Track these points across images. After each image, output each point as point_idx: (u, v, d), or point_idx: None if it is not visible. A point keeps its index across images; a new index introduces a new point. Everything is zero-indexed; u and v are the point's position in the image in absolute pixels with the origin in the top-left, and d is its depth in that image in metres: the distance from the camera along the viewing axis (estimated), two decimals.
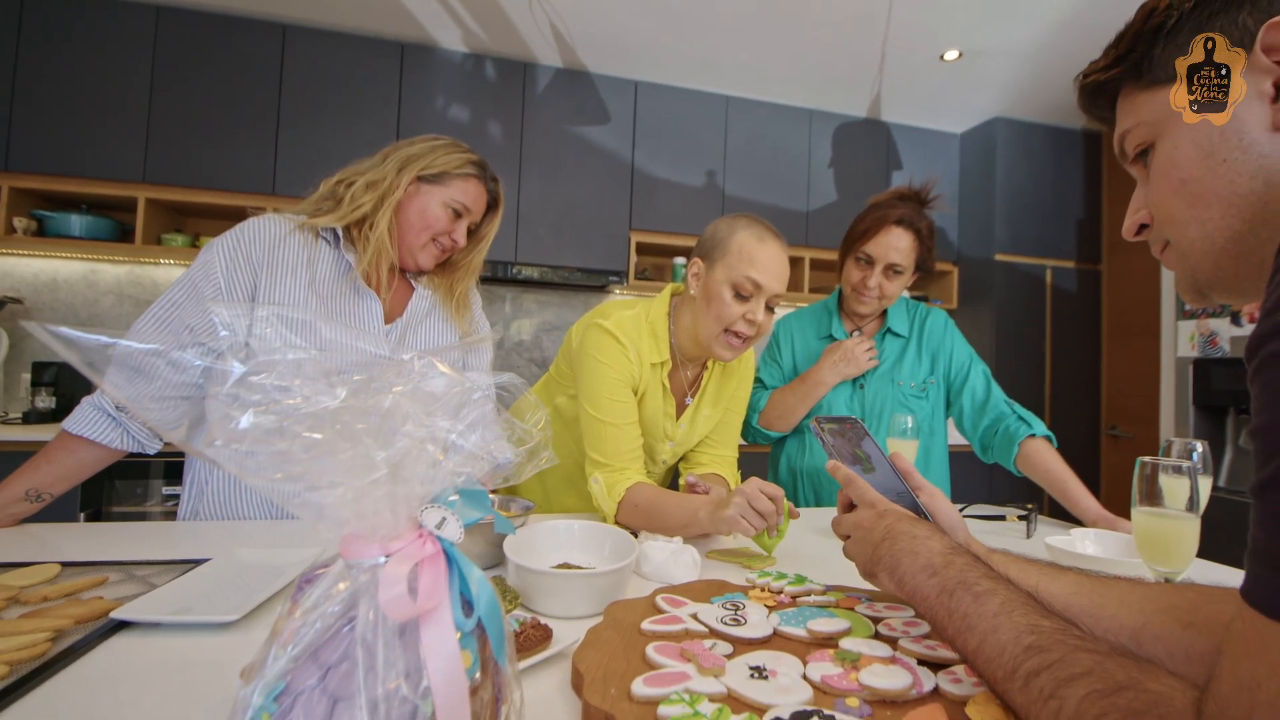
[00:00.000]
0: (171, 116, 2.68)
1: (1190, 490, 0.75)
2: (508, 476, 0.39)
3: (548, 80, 3.11)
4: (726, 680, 0.52)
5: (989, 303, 3.38)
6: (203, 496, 1.11)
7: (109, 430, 1.02)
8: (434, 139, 1.17)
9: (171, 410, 1.06)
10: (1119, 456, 3.34)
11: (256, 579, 0.76)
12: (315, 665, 0.34)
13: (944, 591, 0.52)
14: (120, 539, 0.96)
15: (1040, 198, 3.47)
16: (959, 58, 2.87)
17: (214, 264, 1.07)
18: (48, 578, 0.72)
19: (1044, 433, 1.38)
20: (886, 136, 3.54)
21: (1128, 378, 3.32)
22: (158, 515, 2.42)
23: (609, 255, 3.17)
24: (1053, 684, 0.42)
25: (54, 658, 0.54)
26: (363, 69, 2.89)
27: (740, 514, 0.93)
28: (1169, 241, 0.51)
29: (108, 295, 2.91)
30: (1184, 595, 0.58)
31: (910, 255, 1.46)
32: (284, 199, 2.77)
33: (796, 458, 1.58)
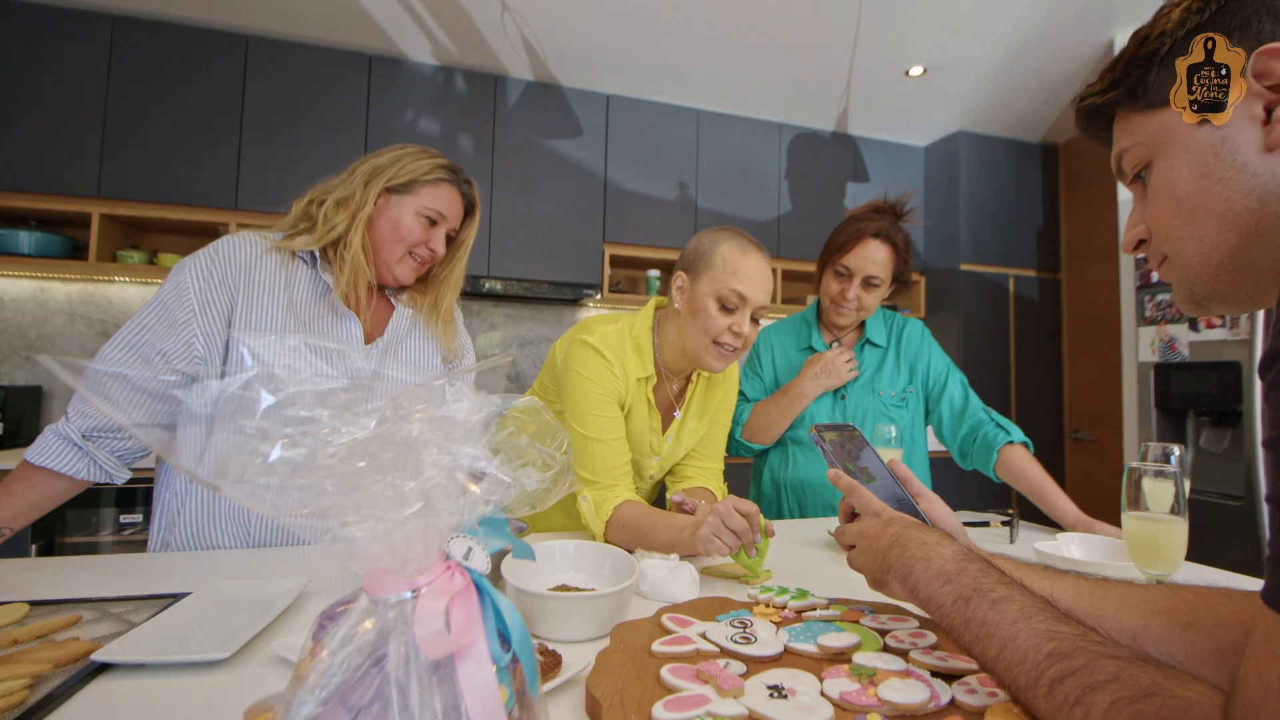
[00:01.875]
0: (128, 129, 2.58)
1: (1175, 493, 0.78)
2: (534, 503, 0.38)
3: (519, 93, 3.10)
4: (746, 701, 0.51)
5: (955, 311, 3.47)
6: (174, 527, 1.06)
7: (75, 460, 0.97)
8: (401, 148, 1.14)
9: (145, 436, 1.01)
10: (1083, 459, 3.45)
11: (242, 612, 0.73)
12: (344, 709, 0.32)
13: (959, 599, 0.52)
14: (88, 573, 0.91)
15: (1002, 209, 3.59)
16: (923, 74, 2.96)
17: (186, 285, 1.02)
18: (16, 619, 0.68)
19: (1021, 439, 1.41)
20: (854, 150, 3.62)
21: (1089, 382, 3.43)
22: (113, 545, 2.31)
23: (583, 268, 3.16)
24: (1077, 691, 0.43)
25: (34, 706, 0.50)
26: (329, 81, 2.84)
27: (713, 533, 0.91)
28: (1167, 256, 0.53)
29: (58, 315, 2.79)
30: (1180, 597, 0.60)
31: (888, 267, 1.49)
32: (248, 214, 2.70)
33: (780, 469, 1.59)
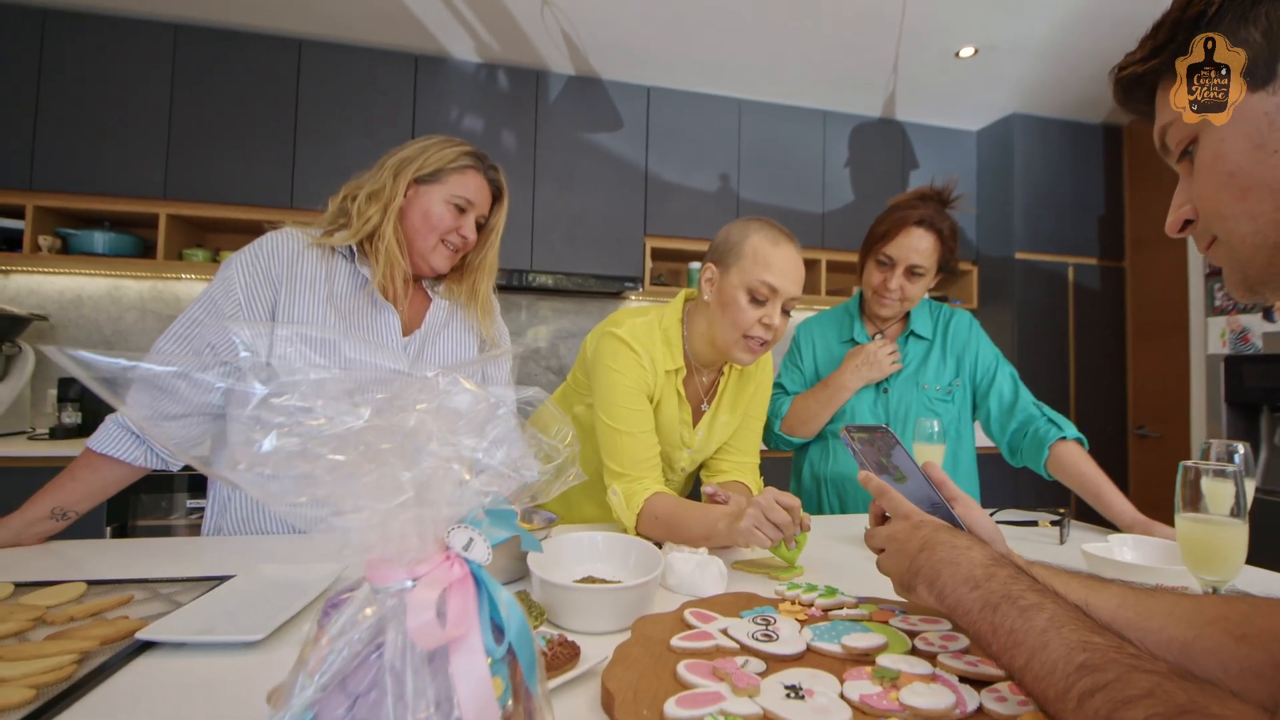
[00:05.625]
0: (190, 133, 2.72)
1: (1236, 494, 0.72)
2: (535, 495, 0.38)
3: (560, 88, 3.12)
4: (761, 701, 0.50)
5: (1010, 302, 3.33)
6: (225, 513, 1.12)
7: (133, 448, 1.03)
8: (426, 139, 1.16)
9: (192, 428, 1.06)
10: (1146, 457, 3.27)
11: (280, 596, 0.75)
12: (343, 695, 0.33)
13: (987, 605, 0.50)
14: (145, 555, 0.97)
15: (1060, 194, 3.41)
16: (974, 54, 2.83)
17: (233, 280, 1.07)
18: (74, 597, 0.72)
19: (1075, 435, 1.35)
20: (901, 136, 3.51)
21: (1155, 376, 3.24)
22: (183, 529, 2.45)
23: (624, 261, 3.16)
24: (1109, 706, 0.40)
25: (80, 680, 0.53)
26: (377, 81, 2.91)
27: (755, 525, 0.91)
28: (1216, 237, 0.49)
29: (131, 311, 2.96)
30: (1234, 607, 0.56)
31: (932, 256, 1.43)
32: (302, 212, 2.80)
33: (820, 464, 1.56)
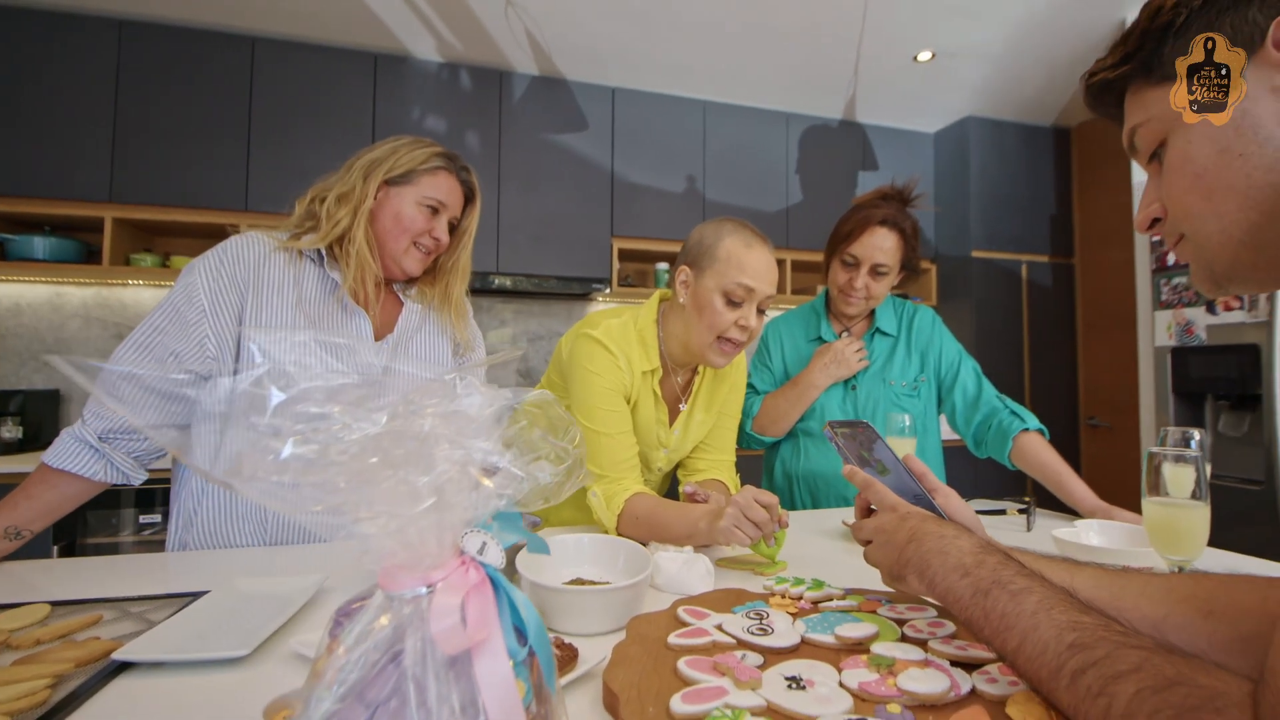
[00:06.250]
0: (138, 133, 2.60)
1: (1196, 477, 0.77)
2: (548, 497, 0.38)
3: (524, 88, 3.09)
4: (764, 693, 0.51)
5: (968, 299, 3.44)
6: (191, 527, 1.07)
7: (92, 462, 0.98)
8: (396, 139, 1.14)
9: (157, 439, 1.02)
10: (1097, 446, 3.41)
11: (260, 610, 0.73)
12: (362, 705, 0.32)
13: (979, 591, 0.52)
14: (108, 574, 0.92)
15: (1014, 194, 3.54)
16: (932, 58, 2.92)
17: (196, 286, 1.03)
18: (38, 619, 0.68)
19: (1037, 426, 1.40)
20: (862, 138, 3.59)
21: (1104, 368, 3.39)
22: (133, 546, 2.34)
23: (591, 263, 3.15)
24: (1100, 681, 0.42)
25: (57, 705, 0.51)
26: (335, 81, 2.84)
27: (734, 524, 0.91)
28: (1184, 235, 0.52)
29: (74, 319, 2.82)
30: (1202, 584, 0.59)
31: (895, 255, 1.47)
32: (258, 215, 2.72)
33: (791, 461, 1.58)
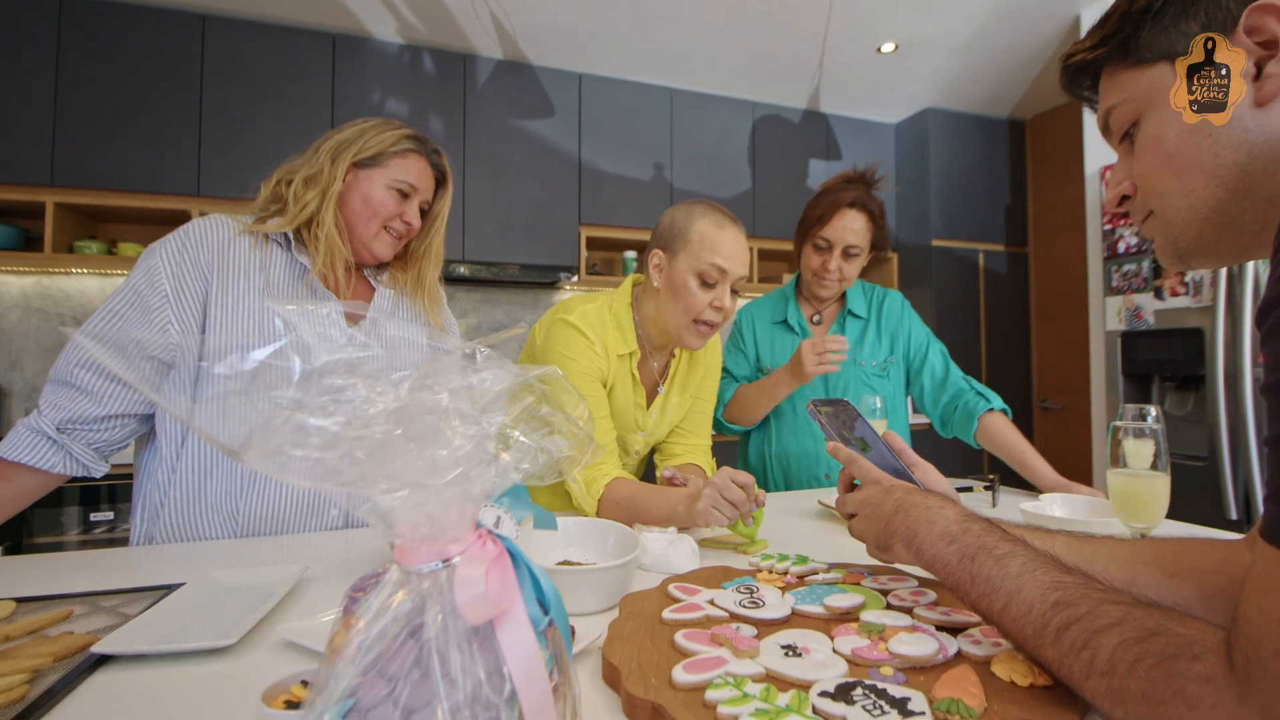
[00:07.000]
0: (81, 114, 2.47)
1: (1155, 450, 0.81)
2: (561, 470, 0.38)
3: (489, 73, 3.04)
4: (762, 661, 0.52)
5: (928, 287, 3.53)
6: (157, 520, 1.04)
7: (50, 454, 0.94)
8: (364, 121, 1.12)
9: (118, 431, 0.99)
10: (1050, 427, 3.55)
11: (241, 600, 0.71)
12: (383, 679, 0.32)
13: (965, 557, 0.54)
14: (72, 569, 0.89)
15: (972, 185, 3.64)
16: (895, 50, 2.97)
17: (158, 270, 0.99)
18: (4, 615, 0.65)
19: (1001, 406, 1.45)
20: (826, 128, 3.64)
21: (1057, 353, 3.53)
22: (80, 544, 2.24)
23: (559, 251, 3.13)
24: (1084, 636, 0.44)
25: (36, 700, 0.49)
26: (292, 62, 2.74)
27: (712, 505, 0.93)
28: (1153, 211, 0.54)
29: (13, 310, 2.68)
30: (1165, 548, 0.63)
31: (866, 235, 1.50)
32: (211, 200, 2.62)
33: (764, 444, 1.61)
